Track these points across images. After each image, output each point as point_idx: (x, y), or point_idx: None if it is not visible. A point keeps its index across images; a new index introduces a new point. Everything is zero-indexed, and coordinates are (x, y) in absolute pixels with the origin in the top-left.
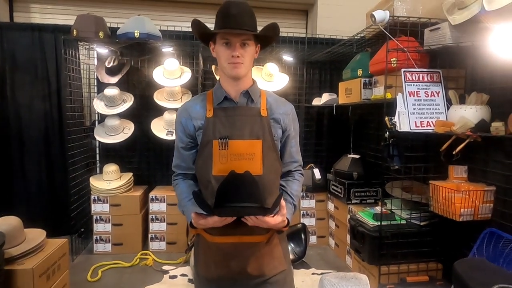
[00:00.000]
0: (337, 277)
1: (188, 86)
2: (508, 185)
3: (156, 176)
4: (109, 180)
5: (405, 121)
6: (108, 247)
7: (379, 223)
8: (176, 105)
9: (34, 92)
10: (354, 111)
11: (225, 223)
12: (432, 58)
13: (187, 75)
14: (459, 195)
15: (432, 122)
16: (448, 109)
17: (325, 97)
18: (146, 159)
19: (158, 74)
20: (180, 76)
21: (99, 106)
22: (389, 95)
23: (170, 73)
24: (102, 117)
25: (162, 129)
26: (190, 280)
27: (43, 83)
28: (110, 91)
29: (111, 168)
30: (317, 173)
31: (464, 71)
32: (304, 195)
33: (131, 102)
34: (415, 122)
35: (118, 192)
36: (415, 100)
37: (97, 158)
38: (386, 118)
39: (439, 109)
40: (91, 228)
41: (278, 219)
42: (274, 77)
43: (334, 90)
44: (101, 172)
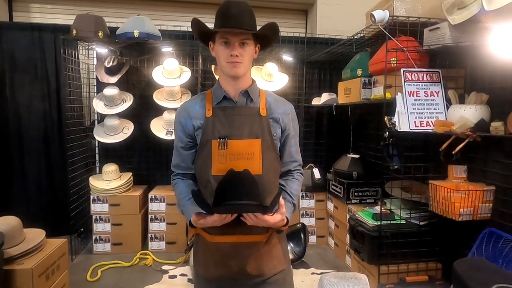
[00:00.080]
0: (337, 277)
1: (188, 86)
2: (508, 185)
3: (156, 176)
4: (109, 180)
5: (405, 121)
6: (108, 247)
7: (379, 223)
8: (176, 105)
9: (34, 92)
10: (354, 111)
11: (225, 222)
12: (432, 58)
13: (187, 75)
14: (459, 195)
15: (432, 122)
16: (448, 109)
17: (325, 97)
18: (146, 159)
19: (158, 74)
20: (180, 76)
21: (99, 106)
22: (389, 95)
23: (170, 73)
24: (102, 117)
25: (162, 129)
26: (190, 280)
27: (43, 83)
28: (110, 91)
29: (111, 168)
30: (317, 173)
31: (464, 71)
32: (304, 195)
33: (131, 102)
34: (415, 122)
35: (118, 192)
36: (415, 100)
37: (97, 158)
38: (386, 118)
39: (439, 109)
40: (91, 228)
41: (278, 218)
42: (274, 77)
43: (334, 90)
44: (101, 172)
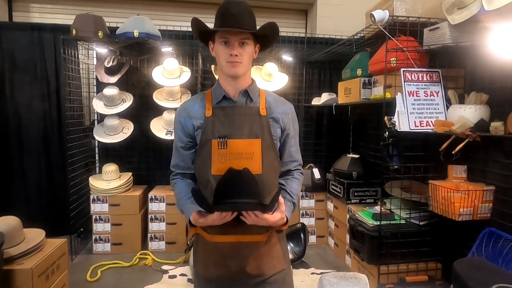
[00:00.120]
0: (337, 277)
1: (188, 86)
2: (507, 185)
3: (156, 176)
4: (109, 180)
5: (405, 121)
6: (108, 247)
7: (379, 223)
8: (176, 105)
9: (33, 92)
10: (354, 111)
11: (225, 221)
12: (432, 58)
13: (187, 75)
14: (459, 195)
15: (432, 122)
16: (448, 109)
17: (325, 97)
18: (146, 159)
19: (158, 74)
20: (180, 76)
21: (98, 106)
22: (389, 95)
23: (170, 73)
24: (102, 117)
25: (162, 129)
26: (190, 280)
27: (42, 83)
28: (110, 91)
29: (111, 168)
30: (317, 173)
31: (464, 71)
32: (304, 195)
33: (130, 102)
34: (415, 122)
35: (118, 192)
36: (415, 100)
37: (97, 158)
38: (386, 118)
39: (439, 109)
40: (91, 228)
41: (277, 216)
42: (274, 77)
43: (334, 90)
44: (101, 172)
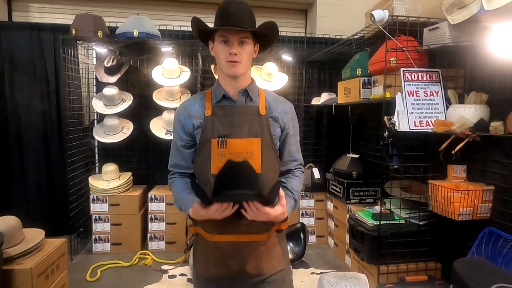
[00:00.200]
0: (336, 277)
1: (187, 86)
2: (507, 185)
3: (155, 176)
4: (108, 180)
5: (404, 121)
6: (107, 247)
7: (378, 223)
8: (175, 105)
9: (33, 92)
10: (353, 111)
11: (226, 215)
12: (431, 58)
13: (186, 75)
14: (458, 195)
15: (431, 122)
16: (447, 109)
17: (324, 97)
18: (145, 159)
19: (157, 74)
20: (179, 76)
21: (98, 106)
22: (388, 95)
23: (169, 73)
24: (101, 117)
25: (161, 129)
26: (189, 280)
27: (42, 83)
28: (109, 91)
29: (110, 168)
30: (316, 173)
31: (463, 71)
32: (304, 195)
33: (130, 102)
34: (414, 122)
35: (117, 192)
36: (414, 100)
37: (96, 158)
38: (385, 118)
39: (438, 109)
40: (90, 228)
41: (278, 210)
42: (274, 77)
43: (333, 90)
44: (100, 172)
